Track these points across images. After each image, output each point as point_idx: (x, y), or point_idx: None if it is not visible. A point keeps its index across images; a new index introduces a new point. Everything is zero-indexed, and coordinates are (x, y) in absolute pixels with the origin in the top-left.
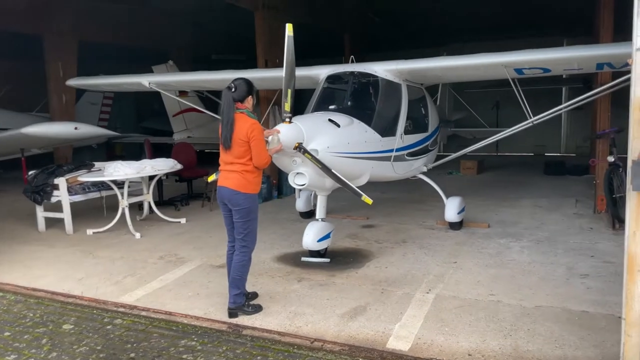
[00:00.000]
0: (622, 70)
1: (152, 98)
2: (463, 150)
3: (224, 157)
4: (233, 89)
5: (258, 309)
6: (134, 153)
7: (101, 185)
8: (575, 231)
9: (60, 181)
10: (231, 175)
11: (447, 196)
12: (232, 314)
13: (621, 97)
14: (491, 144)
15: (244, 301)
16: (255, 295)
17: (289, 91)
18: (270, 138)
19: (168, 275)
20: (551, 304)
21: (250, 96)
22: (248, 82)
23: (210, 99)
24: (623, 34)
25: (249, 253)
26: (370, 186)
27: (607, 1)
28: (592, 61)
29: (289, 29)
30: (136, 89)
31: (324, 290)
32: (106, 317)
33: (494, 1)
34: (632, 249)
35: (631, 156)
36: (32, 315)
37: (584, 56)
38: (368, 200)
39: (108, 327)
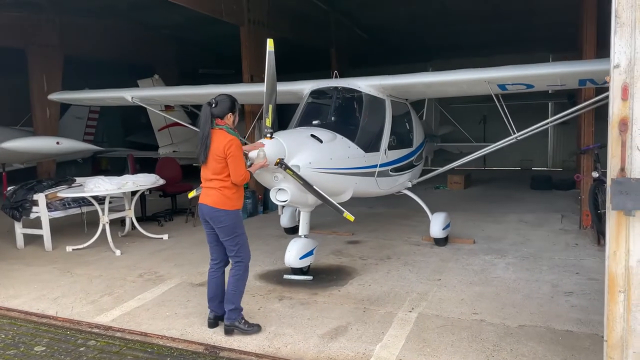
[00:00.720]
0: (604, 87)
1: (139, 112)
2: (449, 165)
3: (203, 173)
4: (214, 105)
5: (256, 329)
6: (119, 167)
7: (82, 201)
8: (560, 247)
9: (40, 197)
10: (210, 192)
11: (433, 212)
12: (228, 330)
13: (605, 113)
14: (479, 159)
15: (239, 317)
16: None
17: (270, 106)
18: (254, 153)
19: (146, 294)
20: (535, 323)
21: (231, 113)
22: (231, 99)
23: (196, 113)
24: (606, 49)
25: (244, 266)
26: (357, 201)
27: (590, 17)
28: (574, 77)
29: (269, 44)
30: (120, 103)
31: (305, 309)
32: (80, 338)
33: (480, 18)
34: (612, 269)
35: (610, 174)
36: (3, 336)
37: (566, 72)
38: (350, 217)
39: (81, 349)
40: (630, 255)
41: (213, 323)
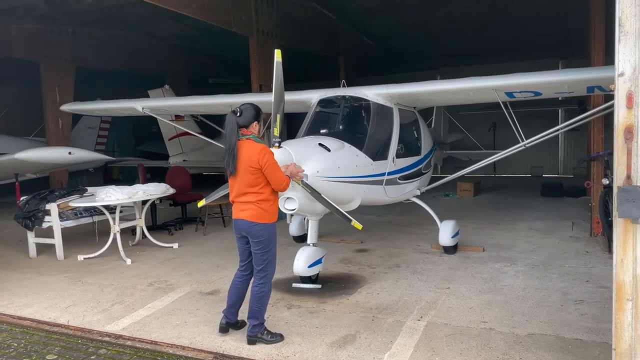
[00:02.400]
0: (612, 94)
1: (150, 121)
2: (458, 173)
3: (235, 187)
4: (238, 114)
5: (279, 338)
6: (131, 177)
7: (93, 210)
8: (571, 255)
9: (52, 207)
10: (247, 207)
11: (442, 219)
12: (251, 341)
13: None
14: (488, 166)
15: (263, 329)
16: (243, 323)
17: (278, 116)
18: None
19: (156, 303)
20: (545, 331)
21: (256, 122)
22: (255, 108)
23: (206, 123)
24: (614, 56)
25: (269, 283)
26: (366, 209)
27: (598, 23)
28: (582, 84)
29: (277, 55)
30: (130, 113)
31: (314, 317)
32: (91, 347)
33: (487, 25)
34: (620, 277)
35: (617, 182)
36: (16, 345)
37: (574, 80)
38: (358, 225)
39: (92, 357)
40: (638, 263)
41: (225, 329)
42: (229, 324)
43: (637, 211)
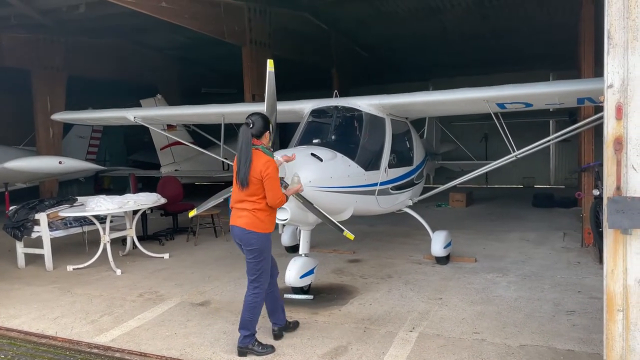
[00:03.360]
0: (602, 105)
1: (142, 131)
2: (450, 183)
3: (235, 194)
4: (251, 125)
5: (269, 350)
6: (122, 186)
7: (83, 220)
8: (562, 265)
9: (41, 216)
10: (243, 214)
11: (434, 230)
12: (242, 352)
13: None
14: (481, 176)
15: (253, 341)
16: (296, 324)
17: (270, 126)
18: (289, 179)
19: (146, 314)
20: (536, 342)
21: (267, 132)
22: (264, 117)
23: (198, 133)
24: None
25: (262, 294)
26: (358, 219)
27: (588, 36)
28: (572, 96)
29: (270, 65)
30: (122, 123)
31: (306, 329)
32: (79, 358)
33: (479, 37)
34: (610, 288)
35: (607, 193)
36: (2, 356)
37: (564, 91)
38: (350, 235)
39: None
40: (628, 274)
41: (278, 335)
42: (281, 329)
43: (627, 222)
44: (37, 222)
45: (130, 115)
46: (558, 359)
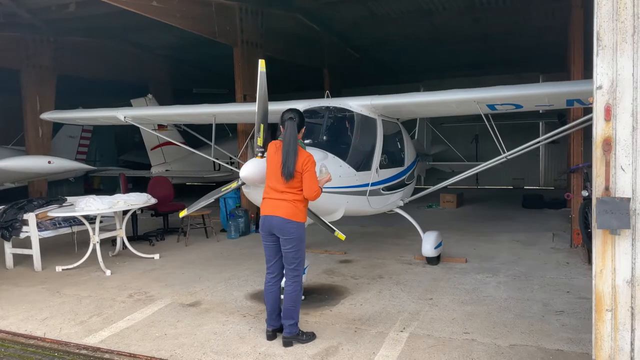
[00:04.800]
0: (591, 107)
1: (133, 131)
2: (440, 184)
3: (274, 185)
4: (294, 119)
5: (312, 337)
6: (112, 186)
7: (72, 221)
8: (552, 266)
9: (30, 216)
10: (282, 204)
11: (425, 230)
12: (287, 342)
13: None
14: (471, 177)
15: (298, 330)
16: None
17: (262, 126)
18: (318, 170)
19: (136, 315)
20: (526, 342)
21: (304, 127)
22: (301, 113)
23: (189, 133)
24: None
25: (300, 282)
26: (349, 220)
27: (577, 38)
28: (562, 98)
29: (261, 65)
30: (112, 122)
31: None
32: (67, 359)
33: (470, 39)
34: (599, 288)
35: (595, 194)
36: None
37: (554, 93)
38: (341, 236)
39: None
40: (617, 274)
41: (272, 336)
42: (276, 330)
43: (616, 222)
44: (25, 222)
45: (121, 115)
46: (547, 359)
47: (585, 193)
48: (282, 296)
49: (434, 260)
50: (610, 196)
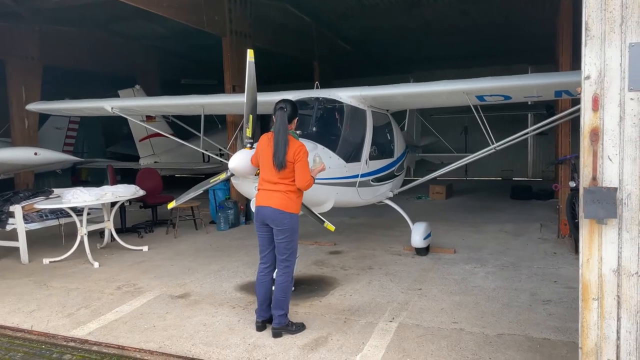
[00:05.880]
0: (579, 98)
1: (121, 122)
2: (429, 175)
3: (267, 176)
4: (285, 109)
5: (301, 327)
6: (100, 178)
7: (60, 213)
8: (539, 256)
9: (16, 208)
10: (275, 195)
11: (414, 222)
12: (277, 333)
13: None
14: (460, 169)
15: (287, 321)
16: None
17: (251, 116)
18: (312, 159)
19: (124, 307)
20: (514, 331)
21: (296, 118)
22: (293, 103)
23: (177, 124)
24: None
25: (291, 273)
26: (339, 211)
27: (565, 30)
28: (550, 89)
29: (250, 54)
30: (100, 114)
31: None
32: (55, 352)
33: (460, 31)
34: (586, 277)
35: (583, 183)
36: None
37: (542, 84)
38: (331, 227)
39: None
40: (603, 263)
41: (262, 327)
42: (265, 321)
43: (603, 212)
44: (11, 215)
45: (108, 106)
46: (535, 348)
47: (572, 184)
48: (273, 287)
49: (423, 251)
50: (597, 186)
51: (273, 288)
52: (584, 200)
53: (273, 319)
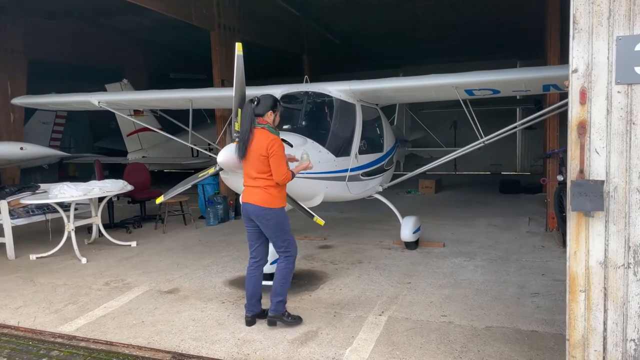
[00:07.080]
0: (567, 91)
1: (108, 117)
2: (418, 170)
3: (248, 172)
4: (256, 103)
5: (298, 320)
6: (87, 173)
7: (46, 208)
8: (527, 249)
9: (2, 204)
10: (255, 191)
11: (403, 216)
12: (272, 322)
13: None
14: (449, 163)
15: (284, 310)
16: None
17: (239, 111)
18: (299, 156)
19: (112, 303)
20: (502, 324)
21: (271, 111)
22: (273, 98)
23: (166, 118)
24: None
25: (293, 260)
26: (329, 206)
27: (554, 24)
28: (538, 83)
29: (238, 48)
30: (86, 108)
31: None
32: (42, 348)
33: (449, 26)
34: (573, 269)
35: (570, 176)
36: None
37: (530, 78)
38: (320, 221)
39: (44, 359)
40: (590, 255)
41: (251, 321)
42: (255, 316)
43: (590, 204)
44: None
45: (95, 100)
46: (523, 340)
47: (560, 178)
48: (264, 282)
49: (412, 245)
50: (584, 179)
51: (263, 282)
52: (571, 193)
53: (270, 306)
